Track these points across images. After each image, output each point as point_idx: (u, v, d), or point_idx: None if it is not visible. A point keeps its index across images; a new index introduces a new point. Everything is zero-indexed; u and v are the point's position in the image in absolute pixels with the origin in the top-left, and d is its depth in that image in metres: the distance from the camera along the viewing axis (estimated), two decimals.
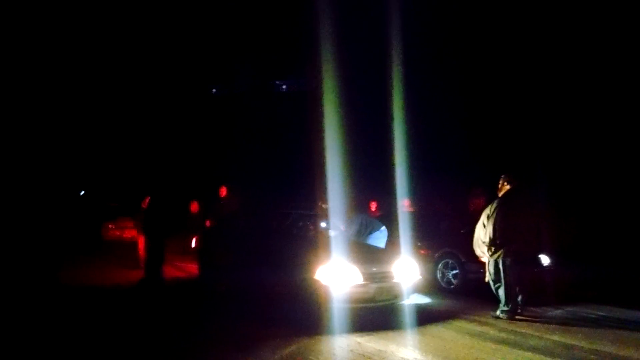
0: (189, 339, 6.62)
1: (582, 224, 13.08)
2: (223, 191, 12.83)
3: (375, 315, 7.07)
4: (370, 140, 15.10)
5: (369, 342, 6.30)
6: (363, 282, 7.09)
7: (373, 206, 12.57)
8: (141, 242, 10.85)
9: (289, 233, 8.96)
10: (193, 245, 11.40)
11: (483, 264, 7.97)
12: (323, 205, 10.13)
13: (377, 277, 7.27)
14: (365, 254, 8.05)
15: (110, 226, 16.56)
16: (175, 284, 10.54)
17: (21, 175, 14.99)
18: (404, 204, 11.97)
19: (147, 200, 10.43)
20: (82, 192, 13.91)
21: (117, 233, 16.29)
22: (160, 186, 11.62)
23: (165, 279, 10.12)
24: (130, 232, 14.33)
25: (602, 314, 7.98)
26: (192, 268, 11.11)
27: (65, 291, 9.57)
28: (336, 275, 6.99)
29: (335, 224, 9.13)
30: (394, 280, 7.39)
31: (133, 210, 12.10)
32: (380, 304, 7.22)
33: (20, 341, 6.37)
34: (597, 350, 6.05)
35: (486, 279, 7.88)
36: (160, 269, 9.96)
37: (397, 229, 9.90)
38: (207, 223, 12.55)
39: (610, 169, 14.72)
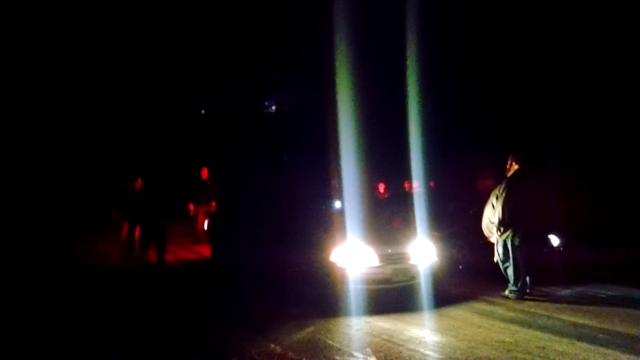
0: (203, 319, 6.70)
1: (592, 204, 13.04)
2: (204, 172, 12.83)
3: (390, 296, 7.08)
4: (380, 123, 15.06)
5: (378, 322, 6.37)
6: (379, 264, 7.10)
7: (381, 188, 12.59)
8: (125, 227, 10.63)
9: (304, 214, 8.95)
10: (205, 227, 11.51)
11: (492, 244, 7.99)
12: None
13: (393, 259, 7.26)
14: (382, 235, 8.04)
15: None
16: (188, 265, 10.65)
17: (36, 162, 15.18)
18: (404, 186, 11.99)
19: (139, 182, 10.24)
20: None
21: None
22: (154, 169, 11.65)
23: (167, 261, 10.17)
24: None
25: (611, 293, 7.97)
26: (204, 249, 11.22)
27: (76, 269, 9.75)
28: (352, 257, 7.01)
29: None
30: (410, 262, 7.37)
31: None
32: (396, 285, 7.20)
33: (30, 317, 6.51)
34: (606, 329, 6.07)
35: (495, 259, 7.90)
36: (163, 251, 9.96)
37: (410, 211, 9.91)
38: (191, 206, 12.61)
39: (620, 149, 14.62)
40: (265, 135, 19.39)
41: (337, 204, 9.47)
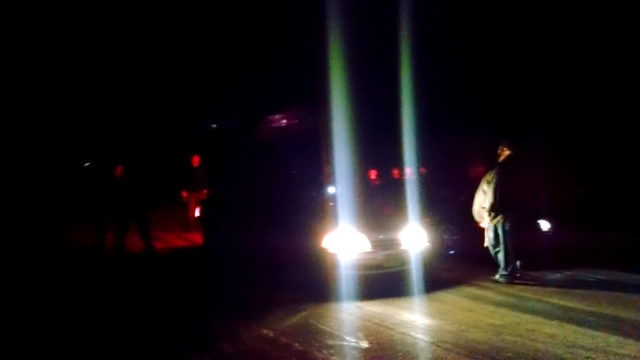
0: (195, 305, 6.74)
1: (581, 189, 13.15)
2: (195, 160, 12.83)
3: (382, 282, 7.13)
4: (371, 109, 15.04)
5: (369, 307, 6.43)
6: (371, 250, 7.15)
7: (373, 174, 12.62)
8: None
9: (295, 200, 8.97)
10: (197, 214, 11.50)
11: (482, 229, 8.05)
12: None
13: (385, 245, 7.32)
14: (373, 221, 8.07)
15: None
16: (180, 252, 10.67)
17: (31, 151, 15.14)
18: (392, 173, 12.03)
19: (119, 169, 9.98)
20: (87, 164, 13.98)
21: None
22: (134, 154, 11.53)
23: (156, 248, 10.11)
24: None
25: (599, 277, 8.07)
26: (196, 237, 11.23)
27: (68, 253, 9.75)
28: (344, 243, 7.06)
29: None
30: (401, 248, 7.42)
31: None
32: (388, 270, 7.26)
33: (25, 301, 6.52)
34: (594, 312, 6.15)
35: (485, 244, 7.97)
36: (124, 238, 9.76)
37: (401, 197, 9.95)
38: (184, 193, 12.60)
39: (610, 134, 14.70)
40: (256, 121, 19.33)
41: (329, 191, 9.49)
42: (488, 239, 7.89)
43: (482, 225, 8.00)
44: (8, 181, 13.42)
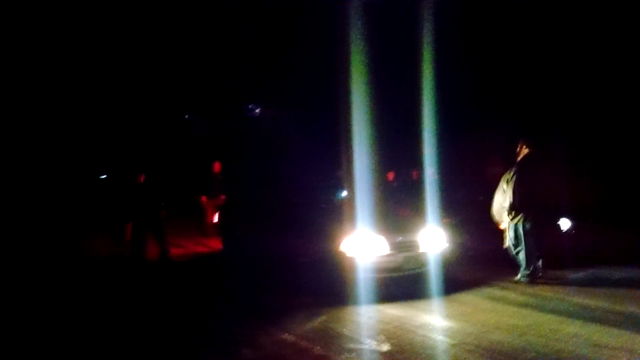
0: (215, 310, 6.76)
1: (602, 187, 12.95)
2: (217, 166, 12.90)
3: (401, 284, 7.09)
4: (389, 111, 15.03)
5: (389, 309, 6.40)
6: (390, 252, 7.11)
7: (391, 176, 12.62)
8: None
9: (313, 204, 8.96)
10: (215, 219, 11.55)
11: (501, 230, 7.97)
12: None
13: (403, 247, 7.27)
14: (391, 223, 8.05)
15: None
16: (199, 258, 10.71)
17: (49, 164, 15.41)
18: (412, 174, 12.02)
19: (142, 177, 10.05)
20: (104, 176, 14.19)
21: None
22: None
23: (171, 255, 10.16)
24: None
25: (623, 275, 7.92)
26: (214, 243, 11.27)
27: (85, 264, 9.85)
28: (362, 246, 7.03)
29: None
30: (420, 250, 7.37)
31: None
32: (407, 273, 7.20)
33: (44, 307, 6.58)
34: (618, 310, 6.05)
35: (505, 245, 7.89)
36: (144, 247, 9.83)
37: (419, 198, 9.91)
38: (204, 199, 12.64)
39: (631, 132, 14.49)
40: (274, 125, 19.42)
41: (347, 194, 9.47)
42: (509, 239, 7.81)
43: (502, 226, 7.93)
44: (25, 193, 13.63)
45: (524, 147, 7.87)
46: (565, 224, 9.33)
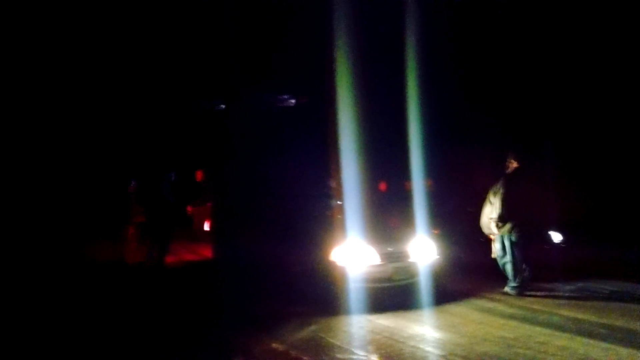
0: (207, 318, 6.75)
1: (592, 201, 13.06)
2: (199, 175, 12.90)
3: (391, 295, 7.11)
4: (378, 120, 15.07)
5: (379, 320, 6.41)
6: (380, 263, 7.14)
7: (382, 186, 12.63)
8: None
9: (304, 213, 8.97)
10: (206, 227, 11.54)
11: (490, 241, 8.03)
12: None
13: (394, 257, 7.31)
14: (382, 233, 8.06)
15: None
16: (190, 265, 10.69)
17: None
18: (403, 185, 12.03)
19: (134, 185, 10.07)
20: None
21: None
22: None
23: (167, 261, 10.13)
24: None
25: (611, 289, 7.98)
26: (205, 250, 11.25)
27: (83, 269, 9.79)
28: (352, 256, 7.05)
29: None
30: (410, 260, 7.41)
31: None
32: (397, 283, 7.23)
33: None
34: (606, 324, 6.09)
35: (493, 256, 7.94)
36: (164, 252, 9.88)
37: (409, 209, 9.93)
38: (189, 209, 12.63)
39: (621, 145, 14.62)
40: (263, 132, 19.36)
41: (337, 203, 9.48)
42: (496, 250, 7.86)
43: (491, 237, 7.98)
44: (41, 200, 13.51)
45: (512, 161, 7.93)
46: (556, 236, 9.39)
